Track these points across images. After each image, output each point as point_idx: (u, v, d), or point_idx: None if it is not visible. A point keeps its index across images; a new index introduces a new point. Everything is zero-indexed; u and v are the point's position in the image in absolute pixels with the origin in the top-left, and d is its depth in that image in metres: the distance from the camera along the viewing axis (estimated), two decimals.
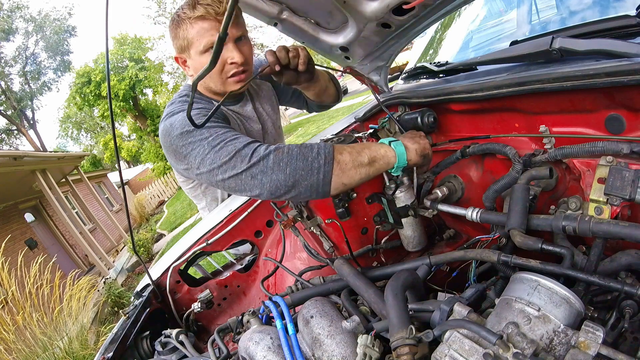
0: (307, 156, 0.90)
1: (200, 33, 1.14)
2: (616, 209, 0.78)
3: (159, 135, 1.18)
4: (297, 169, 0.89)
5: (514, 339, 0.58)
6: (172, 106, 1.24)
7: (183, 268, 1.53)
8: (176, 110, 1.17)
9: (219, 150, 0.95)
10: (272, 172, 0.89)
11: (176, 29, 1.17)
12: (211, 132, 1.00)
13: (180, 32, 1.16)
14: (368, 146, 0.99)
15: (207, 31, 1.13)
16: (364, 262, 1.30)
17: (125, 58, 19.09)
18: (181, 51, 1.21)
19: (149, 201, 19.47)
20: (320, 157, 0.90)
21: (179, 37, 1.18)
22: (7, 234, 7.08)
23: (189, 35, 1.15)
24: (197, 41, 1.15)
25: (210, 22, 1.13)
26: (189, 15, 1.12)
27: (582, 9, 1.42)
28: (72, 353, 4.23)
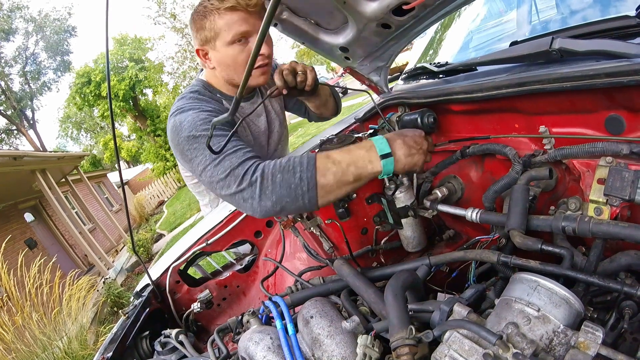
0: (290, 183, 0.90)
1: (229, 24, 1.12)
2: (616, 209, 0.78)
3: (167, 131, 1.16)
4: (282, 197, 0.91)
5: (514, 339, 0.58)
6: (181, 101, 1.21)
7: (183, 268, 1.53)
8: (186, 107, 1.15)
9: (218, 164, 0.97)
10: (260, 200, 0.92)
11: (202, 19, 1.15)
12: (214, 142, 1.01)
13: (206, 23, 1.14)
14: (355, 161, 0.93)
15: (235, 22, 1.12)
16: (363, 263, 1.30)
17: (125, 58, 19.10)
18: (205, 43, 1.19)
19: (149, 201, 19.46)
20: (303, 184, 0.90)
21: (204, 28, 1.16)
22: (7, 234, 7.08)
23: (216, 26, 1.13)
24: (225, 32, 1.14)
25: (239, 14, 1.12)
26: (217, 6, 1.11)
27: (582, 10, 1.43)
28: (71, 353, 4.23)
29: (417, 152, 0.99)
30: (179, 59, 16.14)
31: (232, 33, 1.14)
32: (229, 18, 1.12)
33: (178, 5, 15.27)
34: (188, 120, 1.08)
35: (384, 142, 0.96)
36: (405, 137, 1.01)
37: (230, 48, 1.16)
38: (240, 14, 1.12)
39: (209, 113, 1.12)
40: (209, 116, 1.10)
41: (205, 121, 1.07)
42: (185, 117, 1.11)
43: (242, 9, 1.11)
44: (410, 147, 0.98)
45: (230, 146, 0.98)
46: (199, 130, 1.05)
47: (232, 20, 1.12)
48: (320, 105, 1.46)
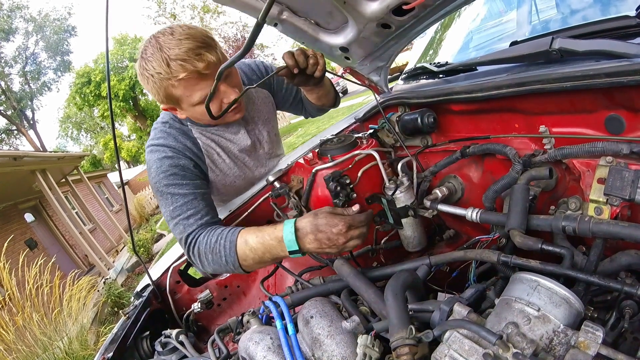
0: (219, 263, 1.09)
1: (187, 89, 1.09)
2: (616, 209, 0.78)
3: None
4: (217, 269, 1.13)
5: (514, 339, 0.58)
6: (153, 132, 1.28)
7: (183, 268, 1.53)
8: (154, 145, 1.23)
9: (174, 226, 1.17)
10: (203, 268, 1.14)
11: (156, 86, 1.09)
12: (173, 201, 1.16)
13: (161, 91, 1.10)
14: (269, 250, 1.01)
15: (194, 87, 1.09)
16: (363, 263, 1.30)
17: (125, 58, 19.12)
18: (167, 103, 1.16)
19: (149, 201, 19.46)
20: (229, 265, 1.08)
21: (160, 94, 1.11)
22: (7, 235, 7.08)
23: (174, 93, 1.10)
24: (187, 97, 1.11)
25: (194, 79, 1.07)
26: (166, 77, 1.05)
27: (582, 10, 1.43)
28: (72, 353, 4.24)
29: (329, 247, 0.95)
30: None
31: (196, 97, 1.10)
32: (185, 86, 1.08)
33: (178, 5, 15.30)
34: (154, 169, 1.19)
35: (292, 238, 0.95)
36: (318, 234, 0.94)
37: (198, 107, 1.13)
38: (195, 79, 1.07)
39: (171, 160, 1.19)
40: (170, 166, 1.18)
41: (166, 174, 1.17)
42: (152, 161, 1.21)
43: (194, 75, 1.06)
44: (322, 243, 0.94)
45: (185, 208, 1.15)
46: (161, 185, 1.18)
47: (190, 86, 1.08)
48: (322, 95, 1.43)
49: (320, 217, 0.96)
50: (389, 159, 1.31)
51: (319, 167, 1.17)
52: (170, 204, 1.16)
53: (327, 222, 0.95)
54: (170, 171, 1.18)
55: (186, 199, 1.16)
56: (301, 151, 1.46)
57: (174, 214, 1.15)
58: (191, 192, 1.18)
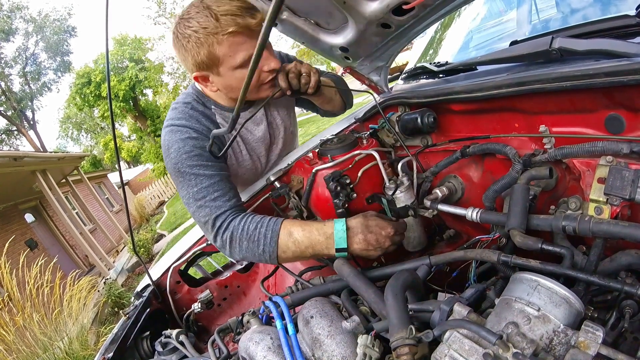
0: (254, 252, 1.06)
1: (232, 49, 1.04)
2: (616, 208, 0.78)
3: (161, 141, 1.19)
4: (247, 257, 1.10)
5: (514, 339, 0.58)
6: (173, 112, 1.21)
7: (183, 268, 1.53)
8: (175, 126, 1.16)
9: (198, 209, 1.10)
10: (230, 254, 1.10)
11: (197, 47, 1.04)
12: (197, 182, 1.10)
13: (202, 50, 1.04)
14: (313, 245, 1.01)
15: (240, 46, 1.04)
16: (364, 263, 1.30)
17: (125, 58, 19.11)
18: (204, 69, 1.09)
19: (149, 202, 19.47)
20: (266, 255, 1.05)
21: (200, 55, 1.05)
22: (8, 235, 7.09)
23: (217, 52, 1.04)
24: (229, 57, 1.05)
25: (242, 36, 1.02)
26: (214, 31, 1.01)
27: (581, 9, 1.43)
28: (72, 353, 4.24)
29: (374, 249, 1.00)
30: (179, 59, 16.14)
31: (240, 58, 1.05)
32: (231, 43, 1.03)
33: (178, 5, 15.29)
34: (175, 149, 1.13)
35: (343, 236, 0.98)
36: (368, 234, 0.98)
37: (237, 71, 1.08)
38: (243, 36, 1.03)
39: (195, 141, 1.13)
40: (194, 147, 1.13)
41: (190, 155, 1.11)
42: (173, 141, 1.14)
43: (244, 30, 1.02)
44: (369, 244, 0.99)
45: (211, 190, 1.09)
46: (184, 166, 1.11)
47: (235, 44, 1.04)
48: (324, 102, 1.43)
49: (371, 219, 1.00)
50: (389, 159, 1.31)
51: (319, 167, 1.17)
52: (194, 185, 1.11)
53: (377, 224, 0.99)
54: (195, 152, 1.13)
55: (212, 180, 1.11)
56: (301, 151, 1.45)
57: (198, 196, 1.10)
58: (217, 174, 1.13)
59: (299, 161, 1.35)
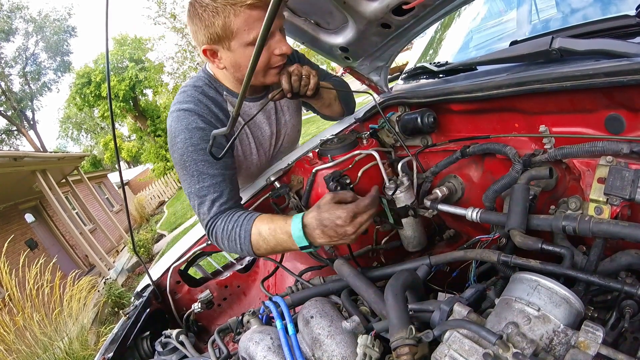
0: (235, 249, 1.11)
1: (248, 23, 1.00)
2: (616, 208, 0.78)
3: (167, 124, 1.16)
4: (234, 253, 1.16)
5: (514, 339, 0.58)
6: (182, 96, 1.17)
7: (183, 268, 1.53)
8: (185, 108, 1.12)
9: (199, 204, 1.13)
10: (221, 249, 1.18)
11: (212, 16, 1.00)
12: (200, 180, 1.11)
13: (218, 21, 1.00)
14: (280, 243, 1.02)
15: (257, 21, 1.00)
16: (364, 262, 1.30)
17: (125, 58, 19.11)
18: (215, 41, 1.05)
19: (149, 201, 19.46)
20: (244, 252, 1.10)
21: (214, 25, 1.01)
22: (8, 235, 7.08)
23: (232, 25, 1.00)
24: (244, 32, 1.01)
25: (259, 11, 1.00)
26: (232, 2, 0.97)
27: (582, 9, 1.43)
28: (72, 353, 4.24)
29: (340, 239, 0.95)
30: (179, 59, 16.16)
31: (255, 33, 1.01)
32: (247, 16, 0.99)
33: (178, 5, 15.29)
34: (181, 140, 1.11)
35: (301, 235, 0.96)
36: (324, 228, 0.94)
37: (249, 49, 1.04)
38: (261, 11, 1.00)
39: (201, 133, 1.11)
40: (201, 139, 1.11)
41: (197, 148, 1.10)
42: (179, 130, 1.11)
43: (263, 5, 0.99)
44: (331, 237, 0.94)
45: (212, 190, 1.11)
46: (189, 160, 1.11)
47: (252, 19, 1.00)
48: (322, 106, 1.42)
49: (323, 210, 0.95)
50: (389, 159, 1.31)
51: (319, 167, 1.17)
52: (196, 182, 1.11)
53: (329, 216, 0.93)
54: (201, 145, 1.10)
55: (214, 180, 1.11)
56: (301, 151, 1.45)
57: (200, 193, 1.11)
58: (220, 173, 1.12)
59: (299, 161, 1.35)
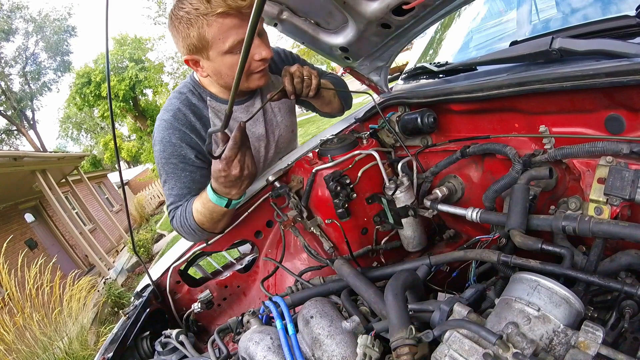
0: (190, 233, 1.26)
1: (222, 31, 1.01)
2: (616, 209, 0.78)
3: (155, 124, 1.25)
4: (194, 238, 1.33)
5: (514, 339, 0.58)
6: (168, 102, 1.26)
7: (183, 268, 1.53)
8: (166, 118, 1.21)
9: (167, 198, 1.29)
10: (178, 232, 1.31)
11: (187, 27, 1.02)
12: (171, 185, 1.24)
13: (193, 32, 1.02)
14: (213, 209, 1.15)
15: (230, 29, 1.01)
16: (364, 263, 1.30)
17: (125, 58, 19.09)
18: (194, 52, 1.08)
19: (149, 201, 19.46)
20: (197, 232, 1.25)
21: (190, 37, 1.03)
22: (7, 235, 7.08)
23: (207, 34, 1.02)
24: (219, 41, 1.03)
25: (232, 19, 1.00)
26: (204, 12, 0.98)
27: (582, 9, 1.43)
28: (72, 353, 4.24)
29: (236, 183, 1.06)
30: (179, 59, 16.13)
31: (229, 42, 1.02)
32: (221, 25, 1.00)
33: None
34: (157, 150, 1.23)
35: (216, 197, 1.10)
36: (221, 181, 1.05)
37: (227, 57, 1.06)
38: (233, 19, 1.00)
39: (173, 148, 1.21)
40: (172, 154, 1.21)
41: (168, 161, 1.21)
42: (157, 140, 1.22)
43: (235, 13, 0.99)
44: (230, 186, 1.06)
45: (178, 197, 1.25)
46: (162, 166, 1.24)
47: (226, 27, 1.01)
48: (323, 104, 1.44)
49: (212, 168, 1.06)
50: (389, 159, 1.31)
51: (319, 167, 1.17)
52: (166, 189, 1.26)
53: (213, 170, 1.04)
54: (172, 160, 1.21)
55: (180, 191, 1.25)
56: (301, 151, 1.45)
57: (168, 198, 1.28)
58: (185, 186, 1.24)
59: (299, 161, 1.35)
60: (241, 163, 1.01)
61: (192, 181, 1.25)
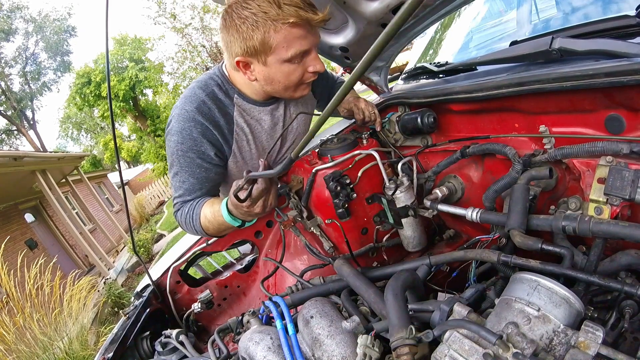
0: (193, 231, 1.24)
1: (288, 40, 1.00)
2: (616, 209, 0.78)
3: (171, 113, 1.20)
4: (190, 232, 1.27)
5: (514, 339, 0.58)
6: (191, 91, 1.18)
7: (183, 268, 1.53)
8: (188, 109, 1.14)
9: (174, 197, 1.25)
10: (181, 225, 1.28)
11: (251, 29, 0.99)
12: (183, 179, 1.21)
13: (256, 34, 0.99)
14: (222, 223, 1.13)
15: (297, 39, 1.01)
16: (364, 262, 1.30)
17: (125, 58, 19.08)
18: (251, 54, 1.04)
19: (149, 201, 19.47)
20: (200, 233, 1.24)
21: (252, 39, 1.01)
22: (7, 235, 7.08)
23: (272, 40, 1.00)
24: (282, 48, 1.01)
25: (300, 29, 0.99)
26: (274, 17, 0.97)
27: (582, 9, 1.43)
28: (72, 353, 4.23)
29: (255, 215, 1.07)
30: (179, 59, 16.13)
31: (293, 51, 1.02)
32: (288, 33, 0.99)
33: (178, 5, 15.28)
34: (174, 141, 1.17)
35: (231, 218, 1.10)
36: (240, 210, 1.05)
37: (285, 65, 1.06)
38: (301, 29, 1.00)
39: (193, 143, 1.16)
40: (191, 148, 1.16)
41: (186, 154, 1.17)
42: (176, 130, 1.16)
43: (304, 24, 0.99)
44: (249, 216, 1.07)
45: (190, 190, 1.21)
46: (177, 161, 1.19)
47: (292, 37, 1.00)
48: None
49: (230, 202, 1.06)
50: (389, 159, 1.31)
51: (319, 167, 1.17)
52: (176, 181, 1.22)
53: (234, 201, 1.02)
54: (189, 155, 1.17)
55: (191, 187, 1.21)
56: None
57: (177, 191, 1.23)
58: (198, 182, 1.21)
59: (299, 161, 1.35)
60: (265, 202, 1.02)
61: (206, 179, 1.22)
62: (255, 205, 1.01)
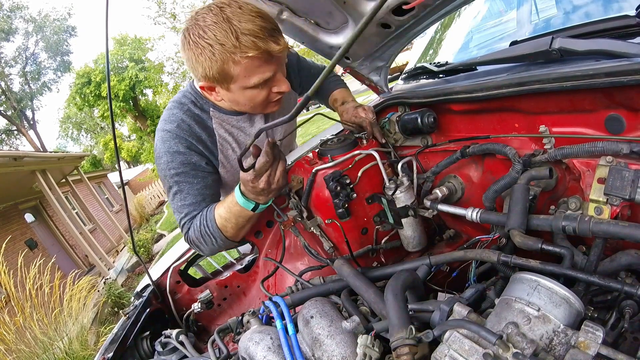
0: (211, 242, 1.21)
1: (248, 70, 1.00)
2: (616, 209, 0.78)
3: (155, 141, 1.22)
4: (213, 249, 1.26)
5: (514, 339, 0.58)
6: (168, 113, 1.21)
7: (183, 268, 1.53)
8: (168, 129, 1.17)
9: (179, 218, 1.24)
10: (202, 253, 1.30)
11: (209, 60, 0.98)
12: (181, 197, 1.20)
13: (215, 65, 0.99)
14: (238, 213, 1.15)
15: (257, 68, 1.01)
16: (364, 262, 1.30)
17: (125, 58, 19.10)
18: (214, 81, 1.05)
19: (149, 201, 19.48)
20: (219, 241, 1.21)
21: (212, 69, 1.00)
22: (7, 235, 7.08)
23: (232, 71, 1.00)
24: (244, 77, 1.02)
25: (259, 60, 0.99)
26: (231, 50, 0.95)
27: (582, 9, 1.43)
28: (72, 353, 4.24)
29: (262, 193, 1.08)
30: (178, 59, 16.15)
31: (255, 80, 1.03)
32: (249, 64, 0.99)
33: (178, 5, 15.29)
34: (164, 162, 1.19)
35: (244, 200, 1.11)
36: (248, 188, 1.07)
37: (247, 91, 1.07)
38: (261, 59, 0.99)
39: (182, 157, 1.18)
40: (181, 163, 1.18)
41: (177, 171, 1.18)
42: (162, 152, 1.18)
43: (263, 55, 0.98)
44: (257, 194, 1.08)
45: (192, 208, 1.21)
46: (172, 180, 1.20)
47: (253, 66, 1.00)
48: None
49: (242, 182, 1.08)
50: (389, 159, 1.31)
51: (319, 167, 1.17)
52: (178, 200, 1.20)
53: (242, 176, 1.05)
54: (182, 169, 1.18)
55: (194, 200, 1.21)
56: (301, 151, 1.45)
57: (182, 210, 1.21)
58: (199, 193, 1.21)
59: (299, 161, 1.35)
60: (270, 178, 1.04)
61: (205, 187, 1.22)
62: (259, 180, 1.02)
